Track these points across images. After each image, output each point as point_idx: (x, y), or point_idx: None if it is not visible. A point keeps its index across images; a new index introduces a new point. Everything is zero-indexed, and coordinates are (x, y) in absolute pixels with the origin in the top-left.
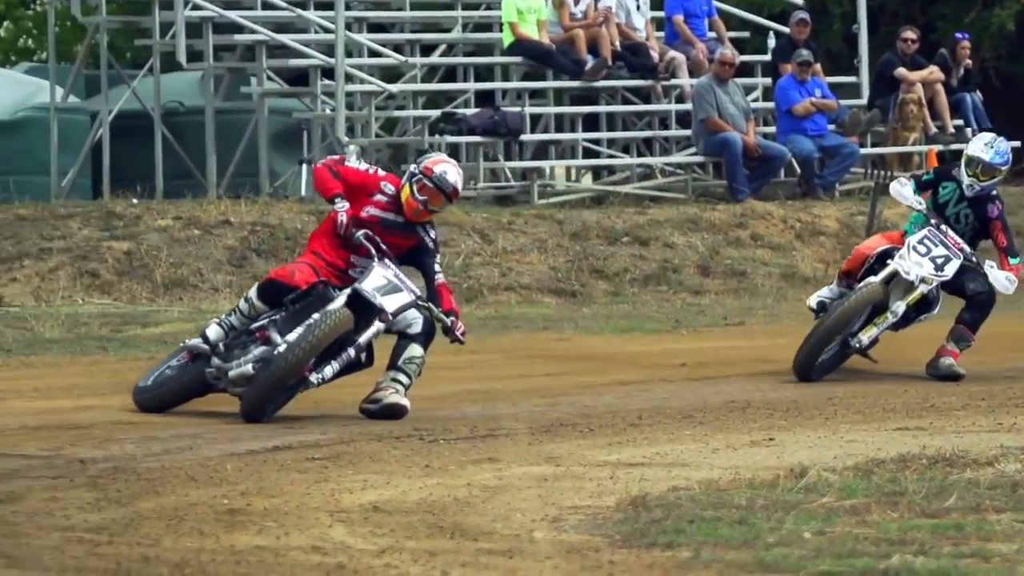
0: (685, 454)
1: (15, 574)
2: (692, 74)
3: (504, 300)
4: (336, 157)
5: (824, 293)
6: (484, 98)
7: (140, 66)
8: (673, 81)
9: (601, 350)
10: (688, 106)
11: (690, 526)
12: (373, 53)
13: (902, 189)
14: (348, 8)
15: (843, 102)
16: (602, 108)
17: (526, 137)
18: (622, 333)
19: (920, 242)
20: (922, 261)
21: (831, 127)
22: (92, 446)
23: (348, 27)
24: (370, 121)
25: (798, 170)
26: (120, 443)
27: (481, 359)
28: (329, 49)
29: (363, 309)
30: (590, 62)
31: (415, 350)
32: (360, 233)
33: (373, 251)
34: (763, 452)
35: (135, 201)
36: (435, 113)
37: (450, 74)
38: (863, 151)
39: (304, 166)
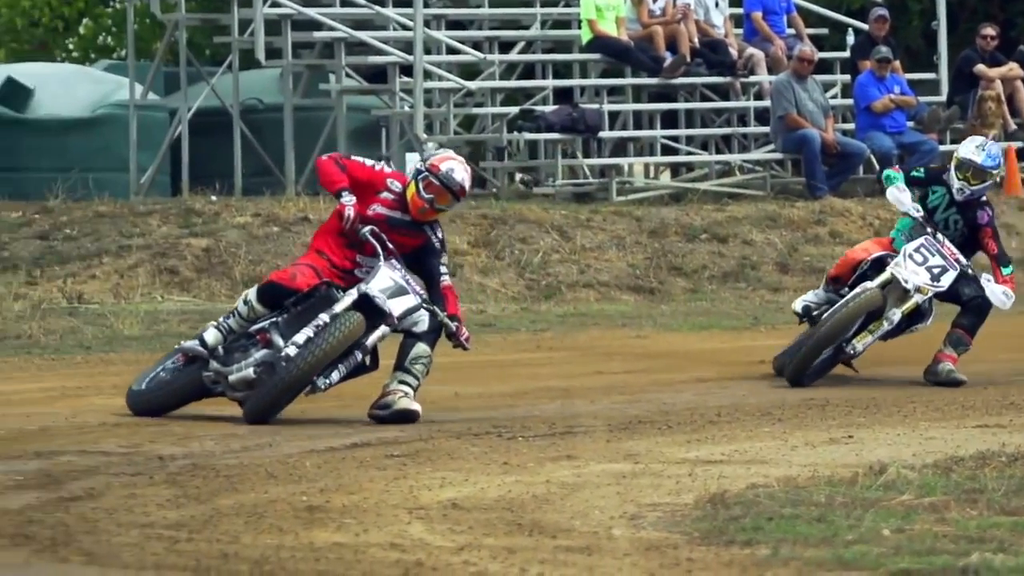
0: (764, 451)
1: (95, 571)
2: (771, 71)
3: (582, 297)
4: (338, 153)
5: (809, 297)
6: (562, 95)
7: (219, 63)
8: (752, 78)
9: (679, 347)
10: (767, 103)
11: (769, 523)
12: (452, 50)
13: (900, 195)
14: (427, 5)
15: (922, 99)
16: (681, 105)
17: (604, 134)
18: (700, 330)
19: (917, 250)
20: (918, 270)
21: (910, 124)
22: (171, 443)
23: (427, 24)
24: (448, 118)
25: (877, 167)
26: (199, 440)
27: (559, 356)
28: (408, 46)
29: (369, 311)
30: (668, 59)
31: (422, 349)
32: (366, 229)
33: (379, 249)
34: (842, 449)
35: (214, 198)
36: (514, 110)
37: (529, 71)
38: (942, 148)
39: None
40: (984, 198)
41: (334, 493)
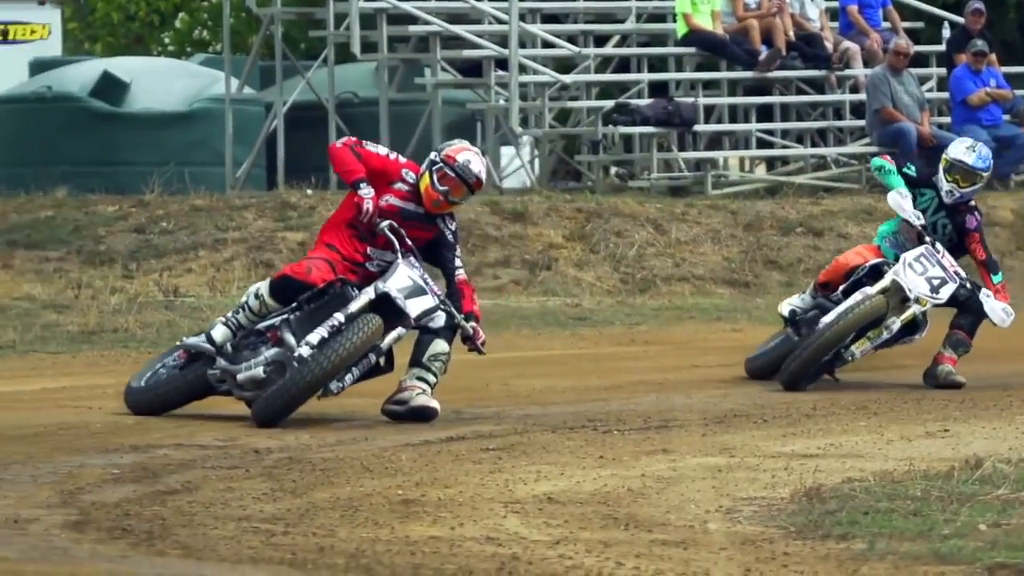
0: (859, 445)
1: (191, 564)
2: (866, 64)
3: (678, 291)
4: (353, 139)
5: (795, 302)
6: (658, 88)
7: (314, 57)
8: (847, 72)
9: None
10: (862, 96)
11: (864, 517)
12: (547, 44)
13: (902, 201)
14: None
15: (1018, 92)
16: (776, 99)
17: (700, 128)
18: None
19: (917, 259)
20: (918, 280)
21: (1006, 117)
22: (267, 436)
23: (522, 18)
24: (543, 112)
25: None
26: (295, 433)
27: (654, 350)
28: (503, 40)
29: (386, 311)
30: (764, 52)
31: (441, 345)
32: (385, 224)
33: (396, 244)
34: (938, 443)
35: (309, 192)
36: (609, 104)
37: (624, 65)
38: None
39: None
40: (972, 202)
41: (429, 487)
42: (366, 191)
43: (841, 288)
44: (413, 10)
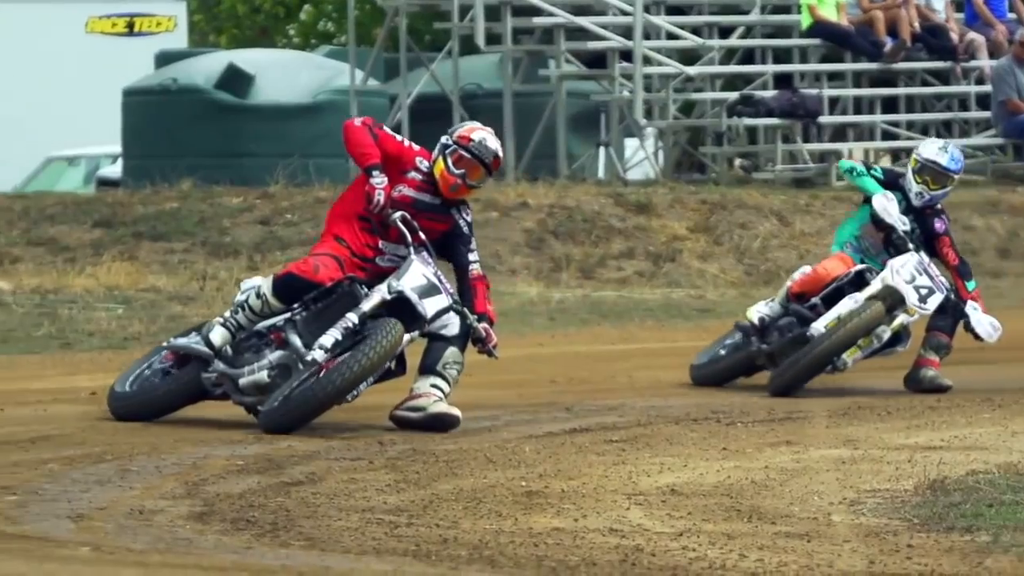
0: (984, 437)
1: (315, 555)
2: (992, 55)
3: None
4: (371, 119)
5: (764, 309)
6: (782, 80)
7: (439, 49)
8: (973, 63)
9: None
10: (988, 88)
11: (989, 510)
12: (671, 35)
13: (888, 205)
14: None
15: None
16: (901, 90)
17: (824, 119)
18: None
19: (904, 267)
20: (907, 289)
21: None
22: (391, 428)
23: (646, 9)
24: (668, 103)
25: None
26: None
27: None
28: (627, 31)
29: (400, 311)
30: (889, 44)
31: (455, 354)
32: (397, 215)
33: (409, 237)
34: None
35: None
36: (733, 95)
37: (748, 56)
38: None
39: (602, 149)
40: (939, 205)
41: (553, 478)
42: (379, 179)
43: (820, 296)
44: (537, 2)
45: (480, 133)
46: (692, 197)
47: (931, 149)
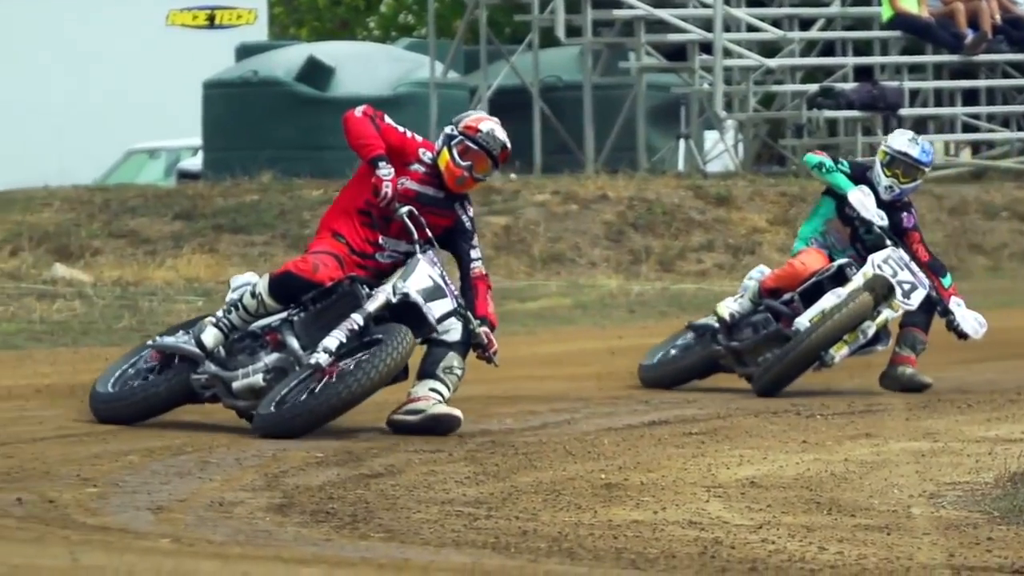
0: None
1: (395, 547)
2: None
3: None
4: (372, 108)
5: (734, 307)
6: (863, 72)
7: (519, 41)
8: None
9: None
10: None
11: None
12: (751, 28)
13: (865, 200)
14: None
15: None
16: (982, 82)
17: (905, 111)
18: (1001, 308)
19: (885, 261)
20: (890, 283)
21: None
22: (470, 420)
23: (727, 1)
24: (748, 96)
25: None
26: (498, 417)
27: None
28: (708, 24)
29: (405, 312)
30: (970, 36)
31: (455, 360)
32: (404, 210)
33: (415, 234)
34: None
35: (513, 176)
36: (814, 87)
37: (829, 48)
38: None
39: (682, 141)
40: (907, 199)
41: (632, 471)
42: (386, 171)
43: (798, 291)
44: None
45: (488, 123)
46: (772, 189)
47: (901, 141)
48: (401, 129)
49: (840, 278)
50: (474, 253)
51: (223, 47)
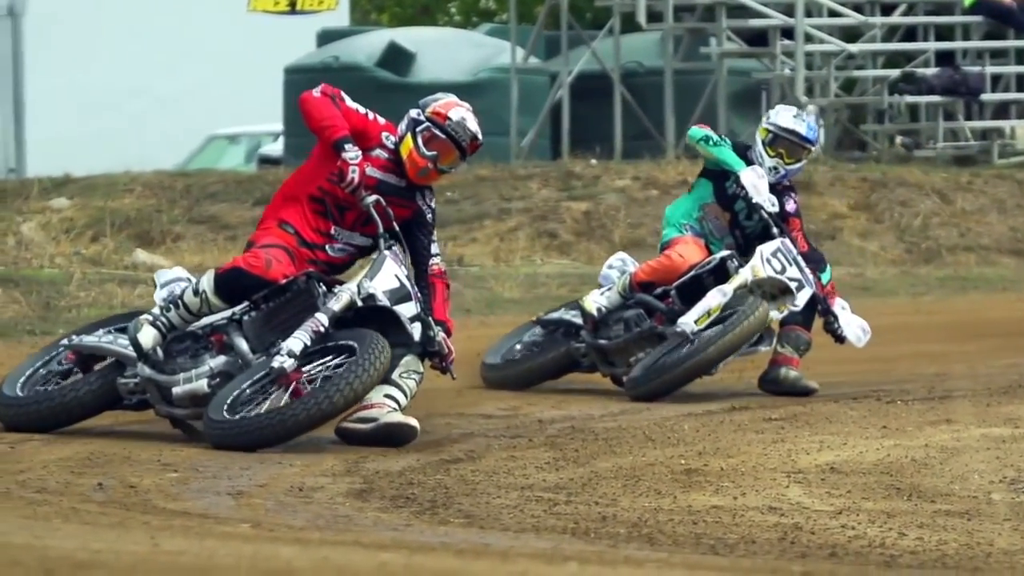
0: None
1: (474, 532)
2: None
3: (963, 261)
4: (332, 88)
5: (602, 301)
6: (944, 57)
7: (600, 27)
8: None
9: None
10: None
11: None
12: (833, 13)
13: (759, 182)
14: None
15: None
16: None
17: (986, 97)
18: None
19: (774, 255)
20: (777, 280)
21: None
22: (550, 406)
23: None
24: (829, 81)
25: None
26: (578, 403)
27: (939, 320)
28: (789, 9)
29: (367, 314)
30: None
31: (413, 362)
32: (371, 199)
33: (381, 226)
34: None
35: (593, 162)
36: (895, 73)
37: (910, 33)
38: None
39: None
40: (789, 181)
41: (712, 456)
42: (352, 153)
43: (675, 285)
44: None
45: (459, 111)
46: (853, 175)
47: (786, 117)
48: (363, 110)
49: (721, 272)
50: (434, 248)
51: (304, 33)
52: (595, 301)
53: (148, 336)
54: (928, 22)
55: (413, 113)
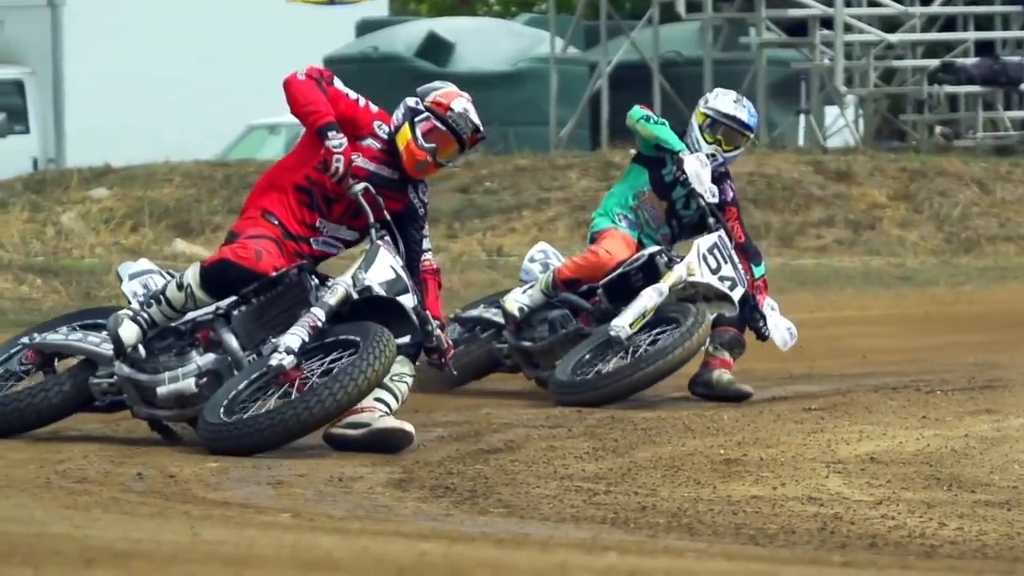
0: None
1: (514, 522)
2: None
3: (1002, 251)
4: (318, 70)
5: (524, 300)
6: (984, 47)
7: (639, 17)
8: None
9: None
10: None
11: None
12: (873, 3)
13: (702, 171)
14: None
15: None
16: None
17: None
18: None
19: (711, 251)
20: (712, 279)
21: None
22: None
23: None
24: (868, 71)
25: None
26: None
27: (978, 310)
28: None
29: (367, 309)
30: None
31: (404, 365)
32: (359, 187)
33: (371, 216)
34: None
35: (632, 151)
36: (935, 63)
37: (950, 23)
38: None
39: (802, 116)
40: (725, 169)
41: (751, 446)
42: (337, 141)
43: (602, 283)
44: None
45: (461, 101)
46: (892, 165)
47: (725, 102)
48: (353, 96)
49: (651, 268)
50: (425, 243)
51: (344, 23)
52: (517, 300)
53: (130, 332)
54: (967, 12)
55: (411, 102)
